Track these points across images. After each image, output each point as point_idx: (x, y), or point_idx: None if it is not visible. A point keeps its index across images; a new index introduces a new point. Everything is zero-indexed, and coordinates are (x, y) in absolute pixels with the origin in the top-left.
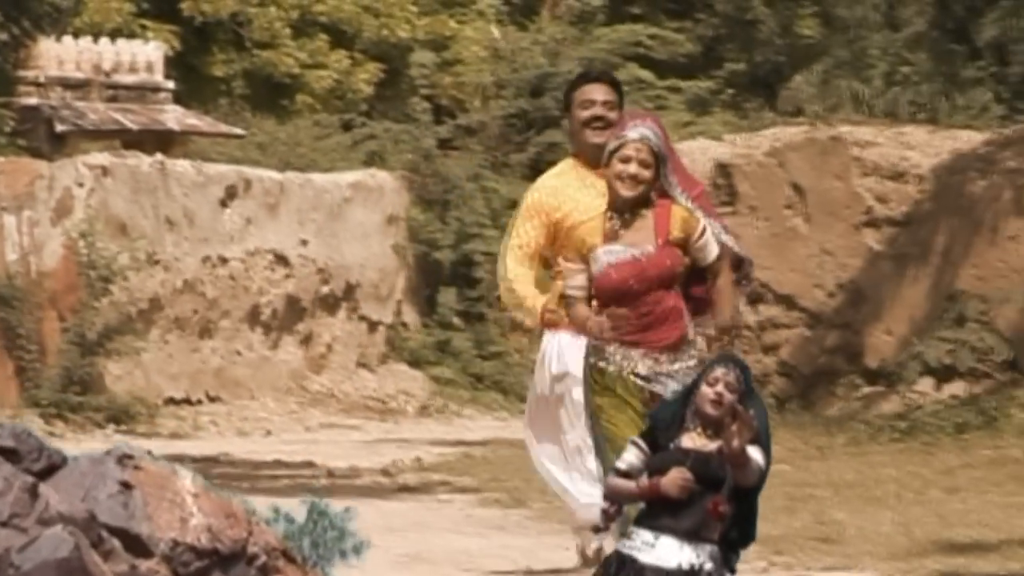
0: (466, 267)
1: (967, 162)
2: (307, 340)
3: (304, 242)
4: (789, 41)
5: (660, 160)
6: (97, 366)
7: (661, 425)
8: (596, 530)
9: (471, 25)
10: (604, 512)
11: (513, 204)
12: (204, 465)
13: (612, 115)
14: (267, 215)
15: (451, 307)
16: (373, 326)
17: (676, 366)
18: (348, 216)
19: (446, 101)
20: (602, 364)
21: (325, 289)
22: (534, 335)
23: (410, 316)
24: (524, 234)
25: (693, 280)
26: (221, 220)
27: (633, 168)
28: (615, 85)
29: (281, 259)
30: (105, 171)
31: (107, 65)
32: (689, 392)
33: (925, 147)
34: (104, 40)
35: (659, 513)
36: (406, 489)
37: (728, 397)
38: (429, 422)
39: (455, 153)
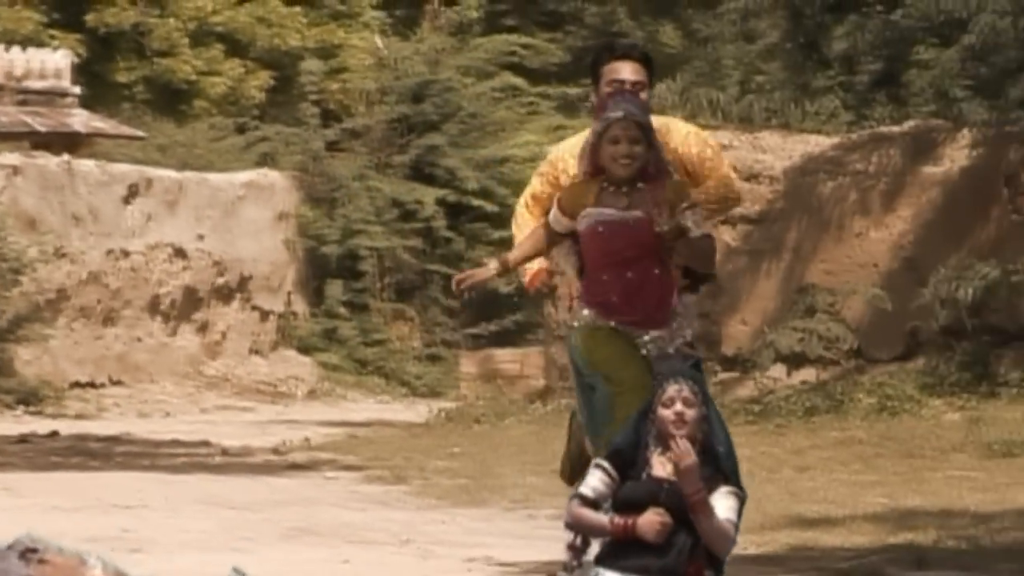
0: (352, 261)
1: (817, 164)
2: (203, 328)
3: (201, 237)
4: (652, 51)
5: (647, 131)
6: (8, 352)
7: (625, 448)
8: (567, 570)
9: (357, 35)
10: (571, 548)
11: (396, 203)
12: (107, 444)
13: (643, 96)
14: (167, 212)
15: (337, 298)
16: (265, 315)
17: (660, 335)
18: (242, 213)
19: (333, 106)
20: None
21: (220, 281)
22: (415, 325)
23: (299, 306)
24: (535, 186)
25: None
26: (124, 216)
27: (624, 148)
28: (646, 61)
29: (179, 252)
30: (16, 170)
31: (18, 71)
32: (645, 414)
33: (778, 150)
34: (15, 48)
35: (627, 552)
36: (295, 467)
37: (689, 413)
38: (317, 404)
39: (341, 155)
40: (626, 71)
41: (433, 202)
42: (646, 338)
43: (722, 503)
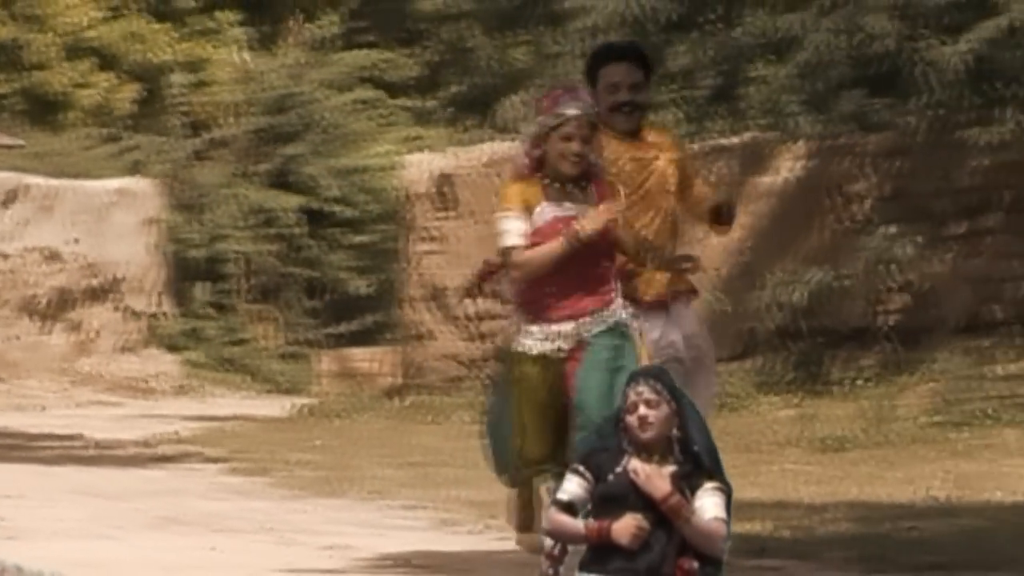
0: (217, 264)
1: None
2: (76, 327)
3: (75, 240)
4: (503, 66)
5: (597, 131)
6: None
7: (596, 452)
8: None
9: (223, 50)
10: (548, 556)
11: (259, 209)
12: None
13: (641, 97)
14: (42, 216)
15: (203, 299)
16: (135, 315)
17: (604, 314)
18: (113, 218)
19: (200, 117)
20: (527, 346)
21: (93, 282)
22: (277, 325)
23: (167, 307)
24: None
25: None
26: (2, 220)
27: (576, 146)
28: (641, 60)
29: (54, 255)
30: None
31: None
32: (616, 420)
33: None
34: None
35: (610, 555)
36: (163, 459)
37: (651, 415)
38: (184, 400)
39: (207, 163)
40: (622, 73)
41: (294, 209)
42: (582, 327)
43: (708, 501)
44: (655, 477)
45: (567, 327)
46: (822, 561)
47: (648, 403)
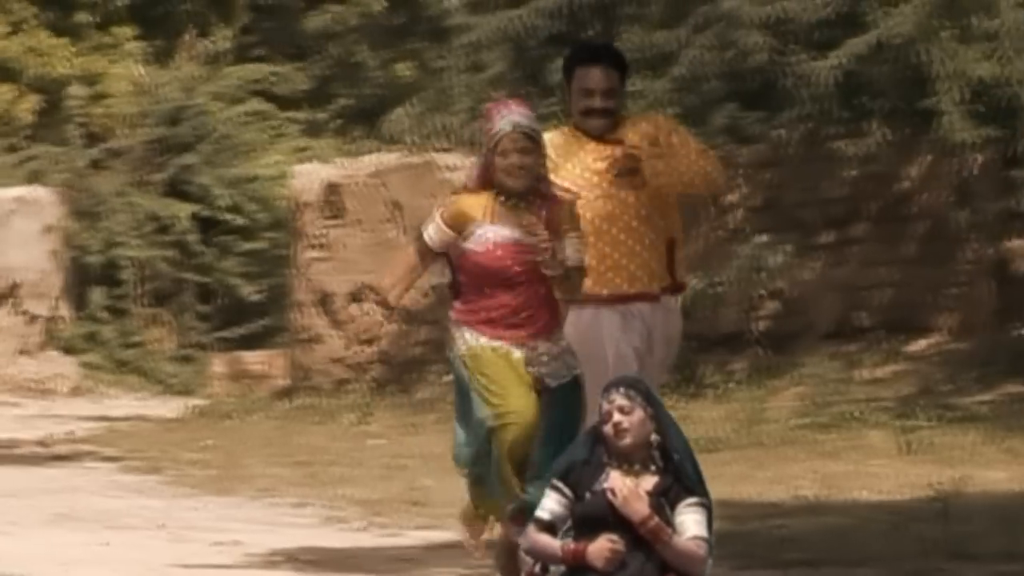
0: (113, 269)
1: None
2: None
3: None
4: (389, 80)
5: (538, 140)
6: None
7: (576, 466)
8: None
9: (120, 64)
10: (529, 575)
11: (153, 217)
12: None
13: (611, 103)
14: None
15: (100, 303)
16: (33, 319)
17: (549, 346)
18: (12, 225)
19: (97, 128)
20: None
21: None
22: (170, 328)
23: (65, 311)
24: None
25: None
26: None
27: (515, 159)
28: (616, 62)
29: None
30: None
31: None
32: (597, 434)
33: None
34: None
35: (587, 571)
36: (59, 458)
37: (626, 421)
38: (80, 401)
39: (104, 172)
40: (594, 79)
41: (188, 216)
42: (530, 353)
43: (689, 518)
44: (633, 500)
45: (516, 348)
46: None
47: (621, 409)
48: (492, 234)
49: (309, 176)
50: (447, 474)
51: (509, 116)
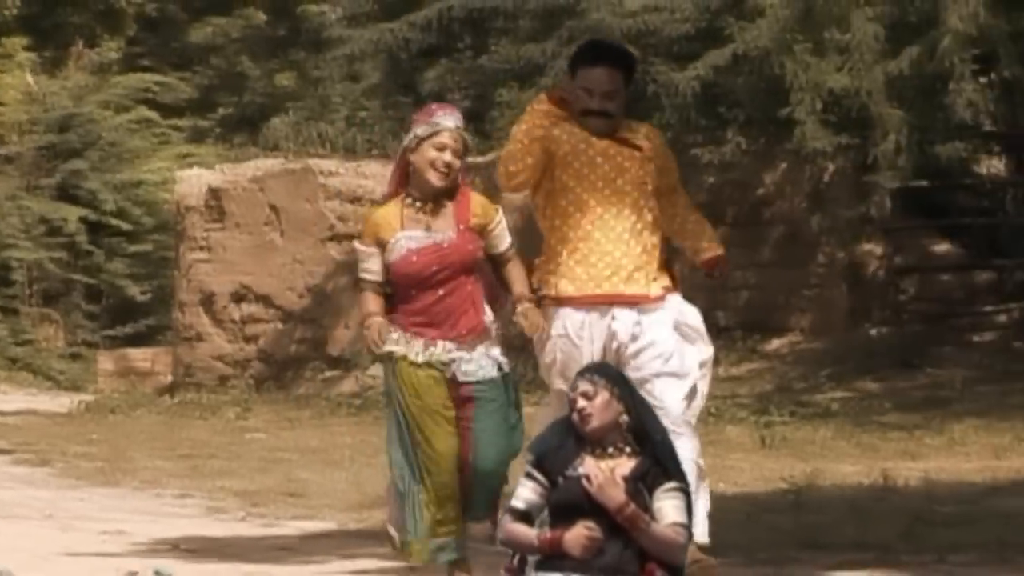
0: (4, 271)
1: None
2: None
3: None
4: (270, 90)
5: (467, 151)
6: None
7: (550, 452)
8: None
9: (11, 74)
10: (508, 570)
11: (43, 220)
12: None
13: (610, 105)
14: None
15: None
16: None
17: (476, 350)
18: None
19: None
20: (407, 353)
21: None
22: (60, 327)
23: None
24: (524, 134)
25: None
26: None
27: (448, 157)
28: (621, 64)
29: None
30: None
31: None
32: (568, 419)
33: (378, 176)
34: None
35: (564, 558)
36: None
37: (589, 406)
38: None
39: None
40: (596, 79)
41: (76, 220)
42: (457, 355)
43: (667, 504)
44: (608, 487)
45: (441, 352)
46: None
47: (585, 395)
48: (404, 247)
49: (192, 181)
50: (324, 467)
51: (452, 116)
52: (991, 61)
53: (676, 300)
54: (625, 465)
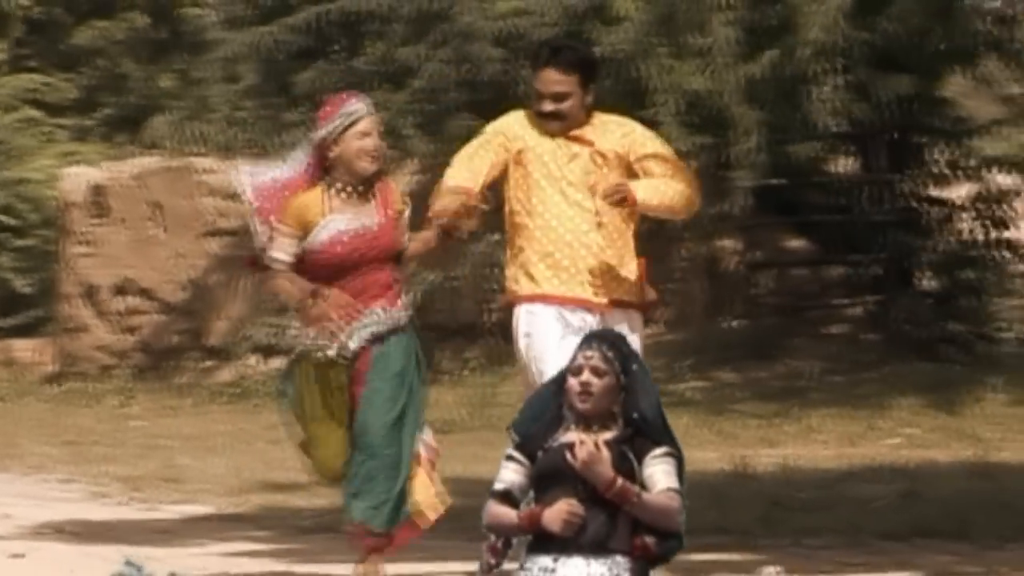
0: None
1: None
2: None
3: None
4: (151, 90)
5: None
6: None
7: (531, 426)
8: (486, 569)
9: None
10: (491, 549)
11: None
12: None
13: (565, 106)
14: None
15: None
16: None
17: (381, 315)
18: None
19: None
20: (314, 351)
21: None
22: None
23: None
24: (484, 144)
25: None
26: None
27: (374, 141)
28: (571, 66)
29: None
30: None
31: None
32: (560, 385)
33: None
34: None
35: (550, 537)
36: None
37: (597, 384)
38: None
39: None
40: (547, 81)
41: None
42: (363, 322)
43: (658, 470)
44: (594, 463)
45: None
46: (430, 531)
47: (595, 370)
48: (334, 227)
49: (76, 178)
50: (204, 453)
51: (364, 102)
52: (846, 64)
53: (620, 315)
54: (606, 435)
